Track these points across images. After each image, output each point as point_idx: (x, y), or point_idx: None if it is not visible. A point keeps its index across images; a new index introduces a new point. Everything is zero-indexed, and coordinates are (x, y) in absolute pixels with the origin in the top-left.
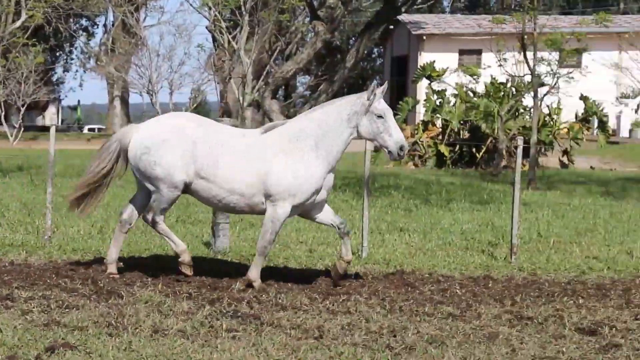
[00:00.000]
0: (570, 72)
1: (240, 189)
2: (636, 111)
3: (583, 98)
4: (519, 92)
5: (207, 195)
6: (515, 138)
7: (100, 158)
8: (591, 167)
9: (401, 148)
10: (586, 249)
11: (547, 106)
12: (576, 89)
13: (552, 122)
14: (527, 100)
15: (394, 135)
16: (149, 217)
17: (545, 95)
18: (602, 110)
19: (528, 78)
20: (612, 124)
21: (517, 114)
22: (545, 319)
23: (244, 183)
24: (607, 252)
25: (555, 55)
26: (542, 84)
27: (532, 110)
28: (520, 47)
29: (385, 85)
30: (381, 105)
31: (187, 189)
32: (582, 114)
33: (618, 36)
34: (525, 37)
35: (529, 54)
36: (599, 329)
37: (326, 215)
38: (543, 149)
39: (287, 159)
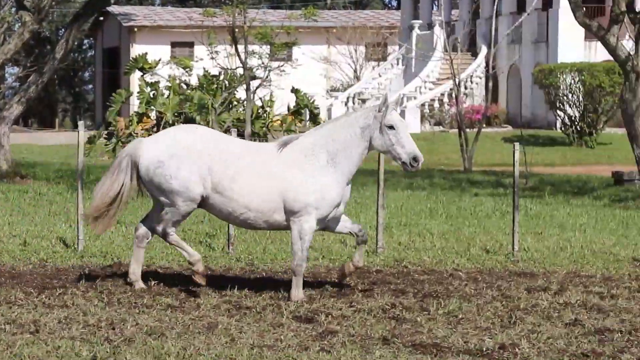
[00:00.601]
0: (282, 65)
1: (257, 205)
2: (346, 104)
3: (294, 91)
4: (231, 84)
5: (224, 211)
6: (229, 130)
7: (111, 176)
8: None
9: (414, 159)
10: None
11: (260, 99)
12: (288, 82)
13: (265, 115)
14: (241, 93)
15: (407, 147)
16: (160, 228)
17: (257, 88)
18: (313, 102)
19: (240, 71)
20: (323, 116)
21: (230, 106)
22: (264, 308)
23: (261, 199)
24: (322, 241)
25: (266, 49)
26: (254, 77)
27: (245, 102)
28: (231, 40)
29: (398, 96)
30: (392, 116)
31: (203, 203)
32: (294, 106)
33: (326, 31)
34: (236, 30)
35: (240, 47)
36: (316, 316)
37: (344, 224)
38: (257, 141)
39: (304, 174)
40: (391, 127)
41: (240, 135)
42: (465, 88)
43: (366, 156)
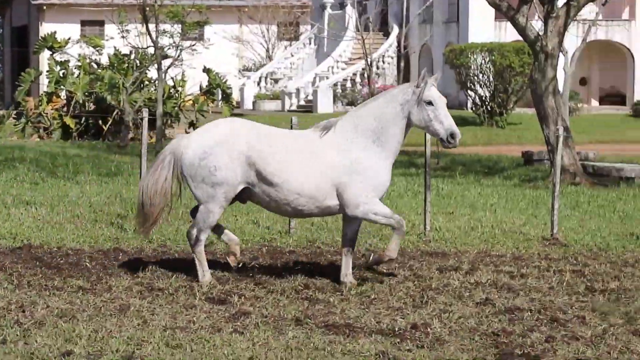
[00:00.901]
0: (193, 45)
1: (310, 191)
2: (258, 83)
3: (206, 70)
4: (143, 64)
5: (275, 200)
6: (141, 110)
7: (155, 175)
8: None
9: (452, 135)
10: None
11: (172, 78)
12: (200, 61)
13: (177, 94)
14: (152, 73)
15: (445, 123)
16: (194, 232)
17: (169, 67)
18: (225, 82)
19: (151, 50)
20: (235, 95)
21: (142, 85)
22: (176, 290)
23: (314, 185)
24: (235, 222)
25: (177, 28)
26: (166, 56)
27: (156, 82)
28: (142, 18)
29: (439, 74)
30: (431, 92)
31: (251, 194)
32: (207, 86)
33: (238, 10)
34: (147, 8)
35: (151, 26)
36: (229, 297)
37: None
38: (169, 121)
39: (353, 156)
40: (430, 103)
41: (152, 114)
42: (377, 68)
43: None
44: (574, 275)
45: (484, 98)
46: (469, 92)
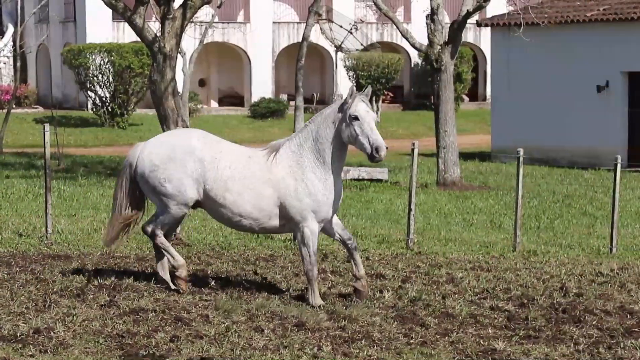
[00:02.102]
0: None
1: (252, 213)
2: None
3: None
4: None
5: (219, 217)
6: None
7: (119, 190)
8: None
9: (377, 150)
10: None
11: None
12: None
13: None
14: None
15: (371, 137)
16: (149, 228)
17: None
18: None
19: None
20: None
21: None
22: None
23: (256, 208)
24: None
25: None
26: None
27: None
28: None
29: (369, 89)
30: (358, 107)
31: (199, 205)
32: None
33: None
34: None
35: None
36: None
37: (336, 229)
38: None
39: (295, 179)
40: (356, 118)
41: None
42: None
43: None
44: (199, 274)
45: (104, 99)
46: (89, 92)
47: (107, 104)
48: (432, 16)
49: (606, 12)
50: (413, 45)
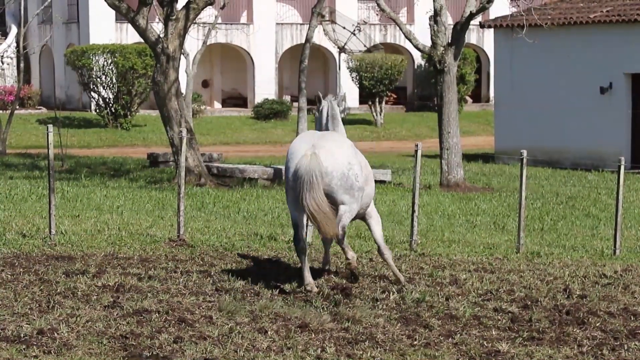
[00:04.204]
0: None
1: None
2: None
3: None
4: None
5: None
6: None
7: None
8: None
9: None
10: None
11: None
12: None
13: None
14: None
15: None
16: (341, 231)
17: None
18: None
19: None
20: None
21: None
22: None
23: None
24: None
25: None
26: None
27: None
28: None
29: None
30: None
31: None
32: None
33: None
34: None
35: None
36: None
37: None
38: None
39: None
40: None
41: None
42: None
43: None
44: (200, 275)
45: (107, 100)
46: (92, 93)
47: (111, 105)
48: (435, 17)
49: (609, 13)
50: (416, 47)
